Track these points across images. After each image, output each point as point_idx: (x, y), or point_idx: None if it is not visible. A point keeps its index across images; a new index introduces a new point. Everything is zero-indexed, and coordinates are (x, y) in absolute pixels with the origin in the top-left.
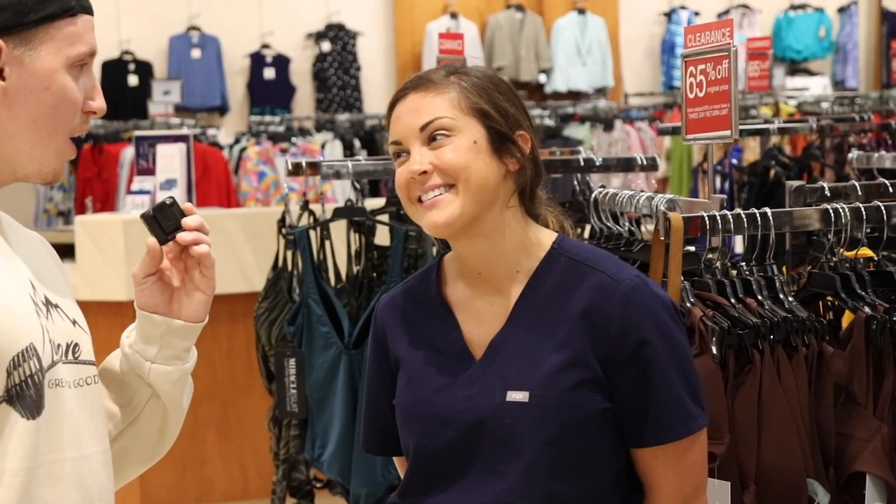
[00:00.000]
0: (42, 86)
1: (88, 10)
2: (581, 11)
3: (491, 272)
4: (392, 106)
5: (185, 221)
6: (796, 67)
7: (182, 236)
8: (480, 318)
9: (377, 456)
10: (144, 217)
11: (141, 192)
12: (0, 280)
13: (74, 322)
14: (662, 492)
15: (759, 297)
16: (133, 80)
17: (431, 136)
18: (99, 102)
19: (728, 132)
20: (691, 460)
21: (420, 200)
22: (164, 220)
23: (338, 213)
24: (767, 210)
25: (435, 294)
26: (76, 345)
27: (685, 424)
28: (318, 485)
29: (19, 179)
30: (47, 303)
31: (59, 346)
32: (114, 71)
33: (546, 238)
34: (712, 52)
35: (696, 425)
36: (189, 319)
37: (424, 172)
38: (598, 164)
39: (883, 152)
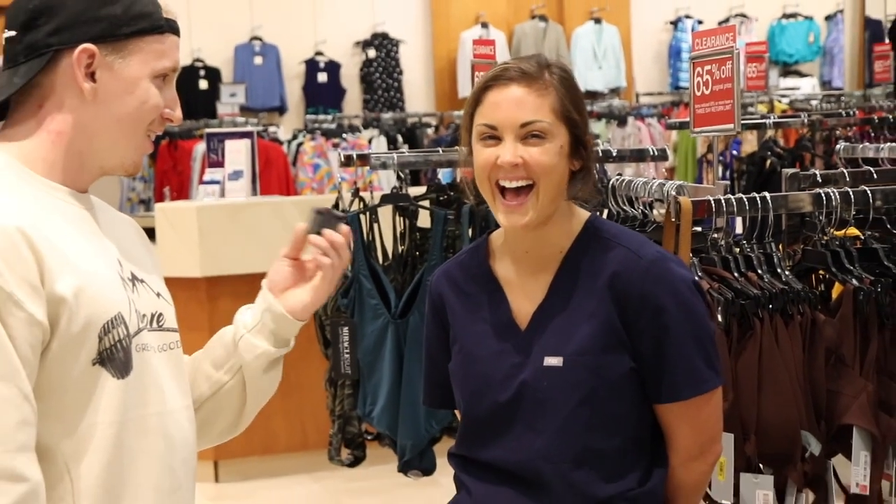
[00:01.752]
0: (127, 90)
1: (176, 32)
2: (597, 21)
3: (538, 252)
4: (486, 88)
5: (327, 232)
6: (788, 69)
7: (316, 240)
8: (525, 292)
9: (438, 408)
10: (317, 210)
11: (212, 182)
12: (91, 259)
13: (158, 294)
14: (680, 443)
15: (759, 272)
16: (203, 84)
17: (530, 133)
18: (177, 113)
19: (731, 125)
20: (705, 415)
21: (499, 186)
22: (323, 221)
23: (385, 200)
24: (766, 194)
25: (485, 269)
26: (160, 314)
27: (695, 386)
28: (369, 437)
29: (106, 173)
30: (133, 278)
31: (144, 315)
32: (186, 76)
33: (580, 218)
34: (717, 54)
35: (707, 387)
36: (290, 312)
37: (516, 164)
38: (613, 155)
39: (866, 143)
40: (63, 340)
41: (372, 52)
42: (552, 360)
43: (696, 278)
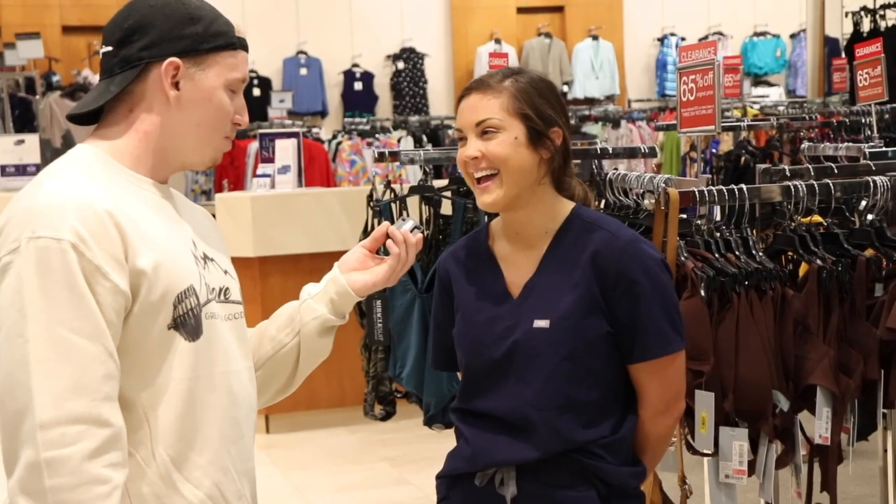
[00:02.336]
0: (206, 98)
1: (245, 48)
2: (595, 37)
3: (526, 233)
4: (459, 101)
5: (406, 231)
6: (759, 80)
7: (393, 231)
8: (518, 266)
9: (443, 371)
10: (404, 217)
11: (263, 175)
12: (168, 239)
13: (226, 272)
14: (649, 399)
15: (736, 253)
16: (256, 91)
17: (483, 130)
18: (245, 119)
19: (712, 127)
20: (671, 374)
21: (475, 178)
22: (404, 225)
23: (413, 191)
24: (742, 186)
25: (485, 249)
26: (227, 289)
27: (663, 346)
28: (399, 395)
29: (186, 168)
30: (205, 257)
31: (213, 289)
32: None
33: (567, 207)
34: (701, 65)
35: (673, 348)
36: (352, 288)
37: (476, 157)
38: (609, 152)
39: (827, 143)
40: (143, 307)
41: (401, 64)
42: (541, 323)
43: (663, 258)
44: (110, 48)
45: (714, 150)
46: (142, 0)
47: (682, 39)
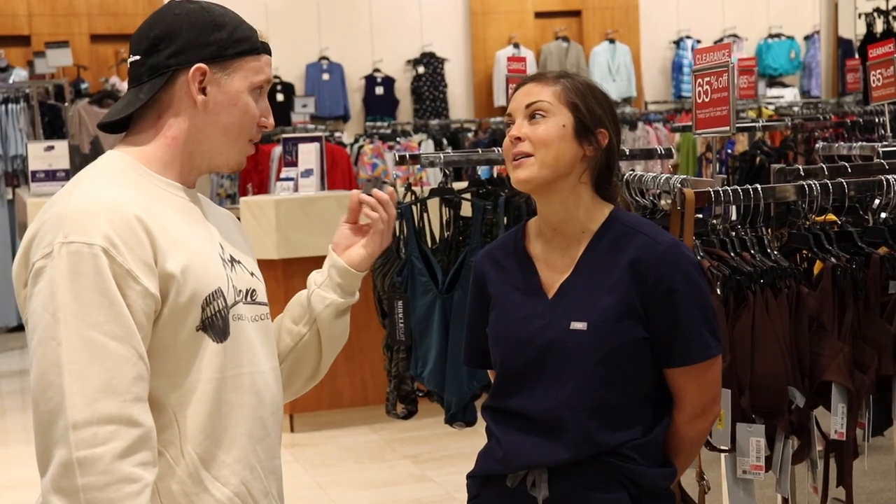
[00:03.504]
0: (232, 102)
1: (268, 52)
2: (612, 41)
3: (563, 229)
4: (515, 91)
5: (376, 191)
6: (774, 81)
7: (364, 197)
8: (554, 267)
9: (476, 368)
10: (365, 179)
11: (287, 178)
12: (196, 243)
13: (252, 274)
14: (687, 401)
15: (752, 252)
16: (280, 97)
17: (532, 113)
18: (270, 120)
19: (727, 128)
20: (709, 378)
21: (515, 159)
22: (371, 187)
23: (433, 193)
24: (757, 186)
25: (521, 249)
26: (253, 290)
27: (702, 351)
28: (420, 394)
29: (213, 170)
30: (232, 259)
31: (240, 291)
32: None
33: (605, 209)
34: (715, 68)
35: (711, 353)
36: (352, 266)
37: (518, 138)
38: (627, 154)
39: (841, 143)
40: (172, 310)
41: (421, 69)
42: (578, 325)
43: (699, 259)
44: (138, 57)
45: (729, 151)
46: (167, 9)
47: (698, 42)
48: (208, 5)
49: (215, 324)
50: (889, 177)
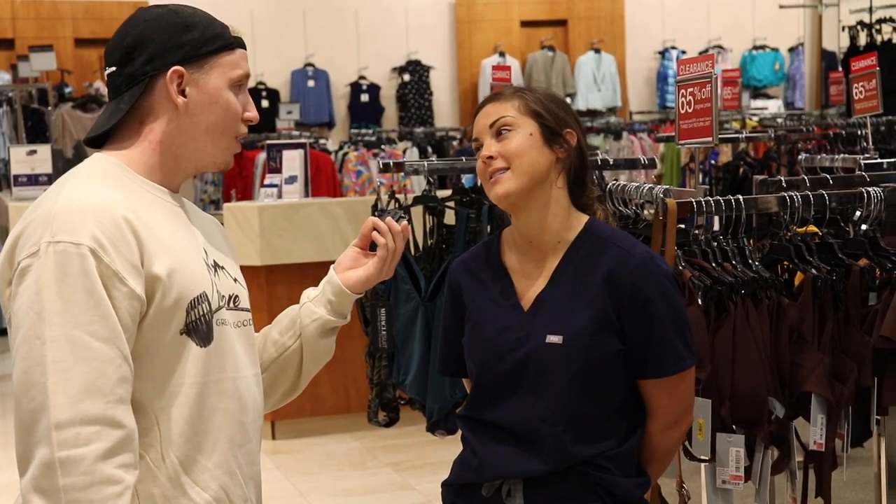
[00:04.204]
0: (212, 100)
1: (243, 46)
2: (597, 51)
3: (539, 241)
4: (475, 116)
5: (389, 220)
6: (758, 92)
7: (377, 221)
8: (529, 278)
9: (450, 377)
10: (385, 211)
11: (271, 185)
12: (182, 246)
13: (235, 280)
14: (660, 412)
15: (733, 262)
16: (265, 103)
17: (498, 131)
18: (253, 113)
19: (710, 139)
20: (682, 389)
21: (490, 178)
22: (388, 215)
23: (417, 200)
24: (739, 197)
25: (496, 259)
26: (236, 296)
27: (676, 364)
28: (402, 402)
29: (200, 171)
30: (215, 265)
31: (223, 296)
32: (251, 96)
33: (581, 219)
34: (698, 78)
35: (685, 365)
36: (347, 286)
37: (491, 157)
38: (610, 163)
39: (823, 155)
40: (157, 312)
41: (406, 77)
42: (553, 338)
43: (674, 272)
44: (114, 68)
45: (713, 162)
46: (136, 17)
47: (683, 53)
48: (177, 7)
49: (199, 328)
50: (870, 189)
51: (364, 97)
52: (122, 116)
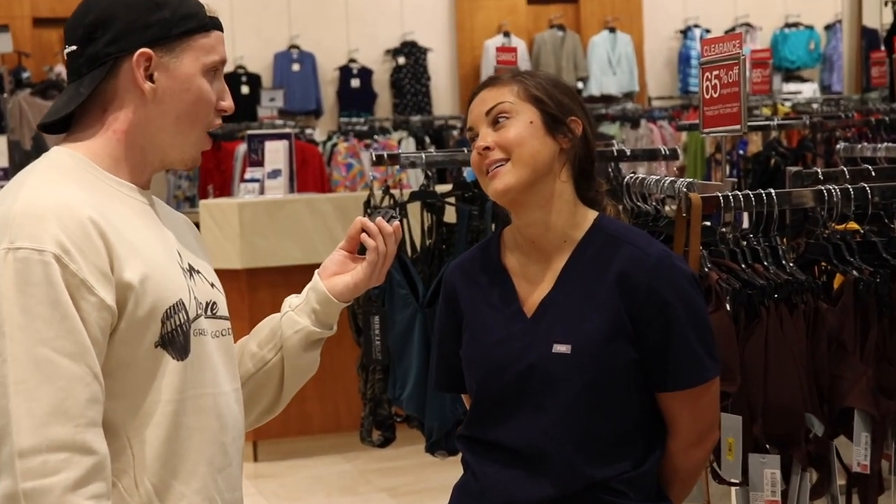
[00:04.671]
0: (183, 87)
1: (219, 27)
2: (612, 30)
3: (543, 240)
4: (469, 103)
5: (380, 220)
6: (791, 75)
7: (366, 222)
8: (532, 281)
9: (447, 393)
10: (376, 209)
11: (252, 180)
12: (155, 248)
13: (212, 285)
14: (681, 428)
15: (765, 263)
16: (245, 89)
17: (495, 119)
18: (228, 102)
19: (738, 126)
20: (705, 403)
21: (487, 172)
22: (378, 215)
23: (414, 196)
24: (771, 191)
25: (495, 261)
26: (214, 303)
27: (699, 374)
28: (399, 419)
29: (167, 166)
30: (191, 268)
31: (201, 303)
32: (229, 82)
33: (589, 216)
34: (725, 60)
35: (709, 375)
36: (333, 293)
37: (487, 148)
38: (628, 154)
39: (864, 144)
40: (129, 323)
41: (401, 60)
42: (560, 347)
43: (700, 274)
44: (74, 48)
45: (741, 152)
46: None
47: (707, 31)
48: None
49: (176, 339)
50: None
51: (355, 82)
52: (82, 102)
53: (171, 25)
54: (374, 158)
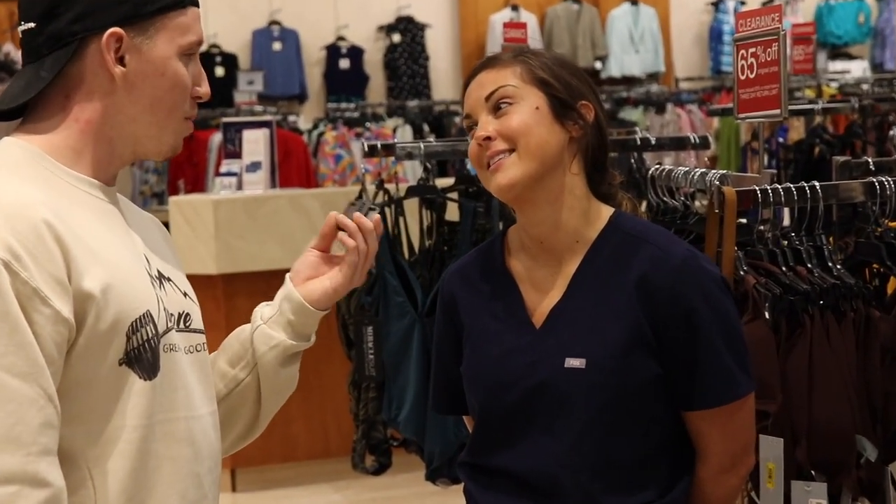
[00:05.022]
0: (158, 71)
1: (195, 3)
2: (634, 2)
3: (552, 241)
4: (465, 86)
5: (357, 215)
6: (837, 51)
7: (344, 220)
8: (541, 288)
9: (446, 415)
10: (350, 202)
11: (229, 174)
12: (119, 253)
13: (185, 294)
14: (712, 452)
15: (809, 266)
16: (220, 71)
17: (496, 105)
18: (205, 88)
19: (778, 111)
20: (738, 423)
21: (488, 166)
22: (355, 210)
23: (411, 192)
24: (816, 183)
25: (499, 265)
26: (187, 314)
27: (730, 390)
28: (395, 443)
29: (139, 157)
30: (160, 276)
31: (172, 315)
32: (202, 63)
33: (604, 212)
34: (762, 35)
35: (742, 391)
36: (308, 300)
37: (488, 138)
38: (653, 143)
39: None
40: (90, 339)
41: (396, 37)
42: (574, 362)
43: (735, 278)
44: (32, 25)
45: (781, 140)
46: None
47: (742, 3)
48: None
49: (143, 356)
50: None
51: (344, 63)
52: (42, 88)
53: (145, 2)
54: (366, 149)
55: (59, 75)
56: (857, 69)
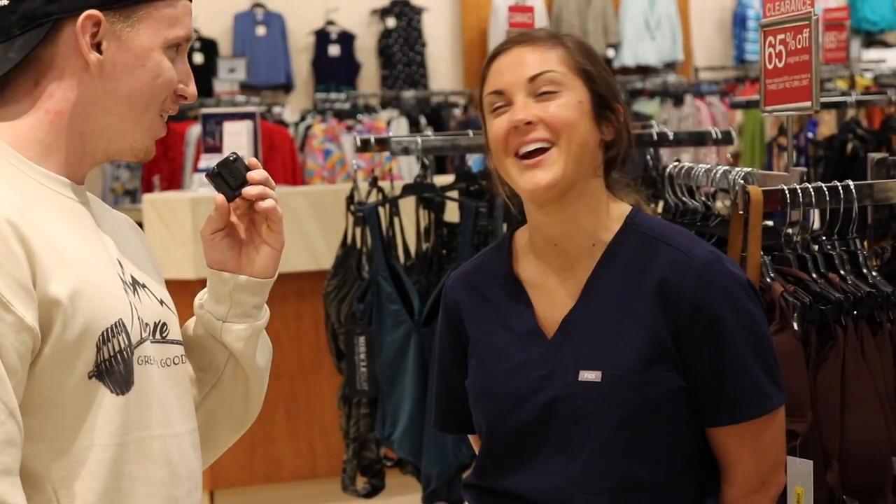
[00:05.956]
0: (138, 63)
1: None
2: None
3: (568, 243)
4: (491, 60)
5: (251, 175)
6: (872, 39)
7: (248, 191)
8: (552, 295)
9: (449, 434)
10: (209, 175)
11: (207, 170)
12: (89, 258)
13: (161, 302)
14: (739, 471)
15: (842, 272)
16: (198, 57)
17: (539, 89)
18: (191, 89)
19: (808, 104)
20: (768, 439)
21: (518, 155)
22: (229, 177)
23: (407, 190)
24: (850, 182)
25: (507, 270)
26: (164, 324)
27: (759, 403)
28: (389, 464)
29: (112, 157)
30: (134, 282)
31: (146, 325)
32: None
33: (621, 211)
34: (792, 21)
35: (772, 404)
36: (257, 275)
37: (530, 123)
38: (671, 138)
39: None
40: (56, 349)
41: (391, 22)
42: (589, 375)
43: (760, 285)
44: (5, 2)
45: (811, 135)
46: None
47: None
48: None
49: (114, 369)
50: None
51: (333, 50)
52: (10, 69)
53: None
54: (358, 143)
55: (29, 59)
56: (893, 58)
